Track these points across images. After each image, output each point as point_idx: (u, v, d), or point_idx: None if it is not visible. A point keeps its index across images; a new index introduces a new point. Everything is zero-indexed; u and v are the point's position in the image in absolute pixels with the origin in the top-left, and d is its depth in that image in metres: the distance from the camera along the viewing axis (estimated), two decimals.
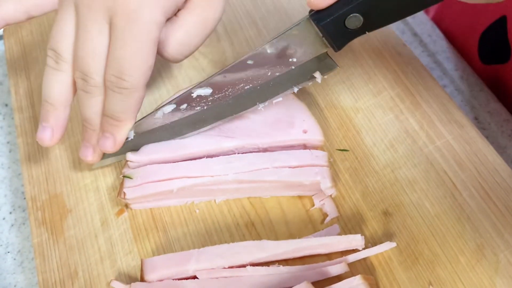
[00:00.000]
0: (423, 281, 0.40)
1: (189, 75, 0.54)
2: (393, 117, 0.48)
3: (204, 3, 0.42)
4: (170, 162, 0.45)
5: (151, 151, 0.46)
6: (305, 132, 0.46)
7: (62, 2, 0.43)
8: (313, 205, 0.45)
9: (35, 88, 0.55)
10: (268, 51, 0.41)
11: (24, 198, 0.52)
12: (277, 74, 0.42)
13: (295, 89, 0.43)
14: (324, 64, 0.42)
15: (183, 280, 0.40)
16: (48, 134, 0.44)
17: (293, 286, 0.38)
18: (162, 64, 0.54)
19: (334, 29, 0.37)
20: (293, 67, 0.42)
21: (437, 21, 0.63)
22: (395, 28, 0.55)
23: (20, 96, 0.55)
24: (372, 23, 0.36)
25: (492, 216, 0.42)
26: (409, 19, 0.59)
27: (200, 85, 0.44)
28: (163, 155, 0.46)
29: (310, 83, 0.43)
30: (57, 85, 0.43)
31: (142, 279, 0.41)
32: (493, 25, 0.57)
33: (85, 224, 0.46)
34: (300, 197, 0.45)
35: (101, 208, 0.47)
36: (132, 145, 0.46)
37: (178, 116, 0.45)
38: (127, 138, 0.46)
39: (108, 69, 0.41)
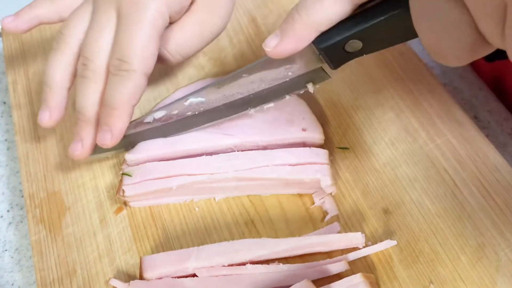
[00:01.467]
0: (424, 279, 0.40)
1: (188, 73, 0.54)
2: (393, 115, 0.48)
3: (205, 8, 0.44)
4: (169, 160, 0.45)
5: (148, 149, 0.45)
6: (304, 130, 0.45)
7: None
8: (313, 203, 0.44)
9: (33, 85, 0.55)
10: (264, 65, 0.41)
11: (22, 196, 0.51)
12: (271, 85, 0.42)
13: (287, 97, 0.43)
14: (317, 75, 0.41)
15: (183, 278, 0.40)
16: (46, 116, 0.45)
17: (293, 284, 0.37)
18: None
19: (333, 52, 0.37)
20: (287, 79, 0.42)
21: None
22: None
23: (18, 94, 0.55)
24: (370, 48, 0.37)
25: (493, 214, 0.42)
26: None
27: (193, 94, 0.45)
28: (161, 152, 0.45)
29: (302, 92, 0.43)
30: (56, 66, 0.44)
31: (141, 277, 0.40)
32: None
33: (84, 222, 0.46)
34: (300, 195, 0.45)
35: (100, 206, 0.46)
36: (127, 142, 0.46)
37: (169, 120, 0.46)
38: None
39: (112, 54, 0.42)
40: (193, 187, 0.44)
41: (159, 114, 0.45)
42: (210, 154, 0.45)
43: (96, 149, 0.46)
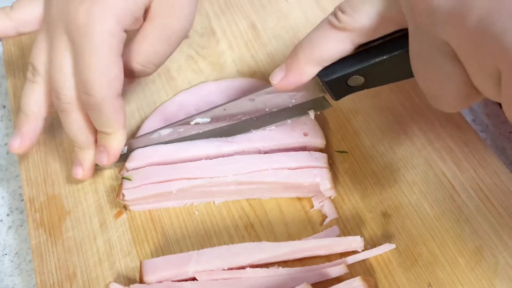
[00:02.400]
0: (422, 282, 0.40)
1: (187, 77, 0.54)
2: (391, 118, 0.48)
3: (164, 12, 0.43)
4: (168, 163, 0.45)
5: (148, 156, 0.45)
6: (305, 135, 0.46)
7: (42, 21, 0.44)
8: (312, 206, 0.45)
9: None
10: (270, 92, 0.43)
11: (22, 200, 0.51)
12: (275, 110, 0.44)
13: (288, 121, 0.45)
14: (319, 104, 0.44)
15: (183, 282, 0.40)
16: (17, 142, 0.46)
17: None
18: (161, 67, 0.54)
19: (336, 85, 0.39)
20: (290, 106, 0.44)
21: None
22: None
23: (18, 98, 0.55)
24: (372, 83, 0.39)
25: (491, 217, 0.42)
26: None
27: (199, 115, 0.45)
28: (162, 159, 0.45)
29: (303, 117, 0.45)
30: (32, 97, 0.44)
31: (141, 281, 0.41)
32: None
33: (84, 226, 0.46)
34: (299, 198, 0.45)
35: (100, 210, 0.46)
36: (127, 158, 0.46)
37: (173, 136, 0.46)
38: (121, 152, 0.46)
39: (77, 87, 0.41)
40: (192, 191, 0.44)
41: (165, 132, 0.45)
42: (210, 158, 0.45)
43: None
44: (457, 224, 0.42)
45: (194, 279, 0.40)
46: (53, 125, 0.52)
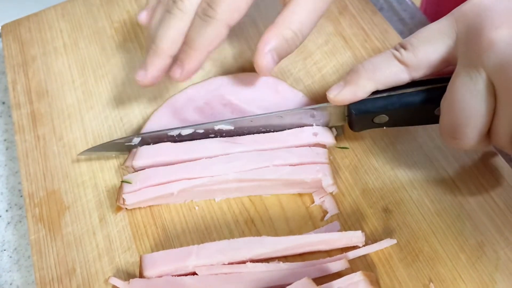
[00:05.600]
0: (424, 278, 0.40)
1: None
2: None
3: None
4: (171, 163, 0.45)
5: (155, 154, 0.45)
6: (315, 135, 0.45)
7: None
8: (313, 202, 0.44)
9: (33, 85, 0.55)
10: (298, 113, 0.45)
11: (21, 196, 0.51)
12: (293, 127, 0.46)
13: None
14: (336, 129, 0.46)
15: (183, 276, 0.40)
16: (142, 75, 0.45)
17: (293, 282, 0.37)
18: None
19: (362, 120, 0.42)
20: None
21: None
22: (394, 27, 0.55)
23: (18, 93, 0.54)
24: (394, 123, 0.42)
25: (492, 213, 0.42)
26: (407, 19, 0.59)
27: (224, 121, 0.45)
28: (168, 158, 0.45)
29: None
30: (168, 32, 0.44)
31: (141, 276, 0.40)
32: None
33: (83, 221, 0.46)
34: (300, 194, 0.45)
35: (99, 205, 0.46)
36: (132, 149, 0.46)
37: (191, 136, 0.46)
38: (130, 143, 0.46)
39: None
40: (194, 191, 0.44)
41: (185, 131, 0.45)
42: (211, 156, 0.45)
43: (102, 147, 0.46)
44: (458, 220, 0.42)
45: (194, 273, 0.40)
46: (53, 119, 0.52)
